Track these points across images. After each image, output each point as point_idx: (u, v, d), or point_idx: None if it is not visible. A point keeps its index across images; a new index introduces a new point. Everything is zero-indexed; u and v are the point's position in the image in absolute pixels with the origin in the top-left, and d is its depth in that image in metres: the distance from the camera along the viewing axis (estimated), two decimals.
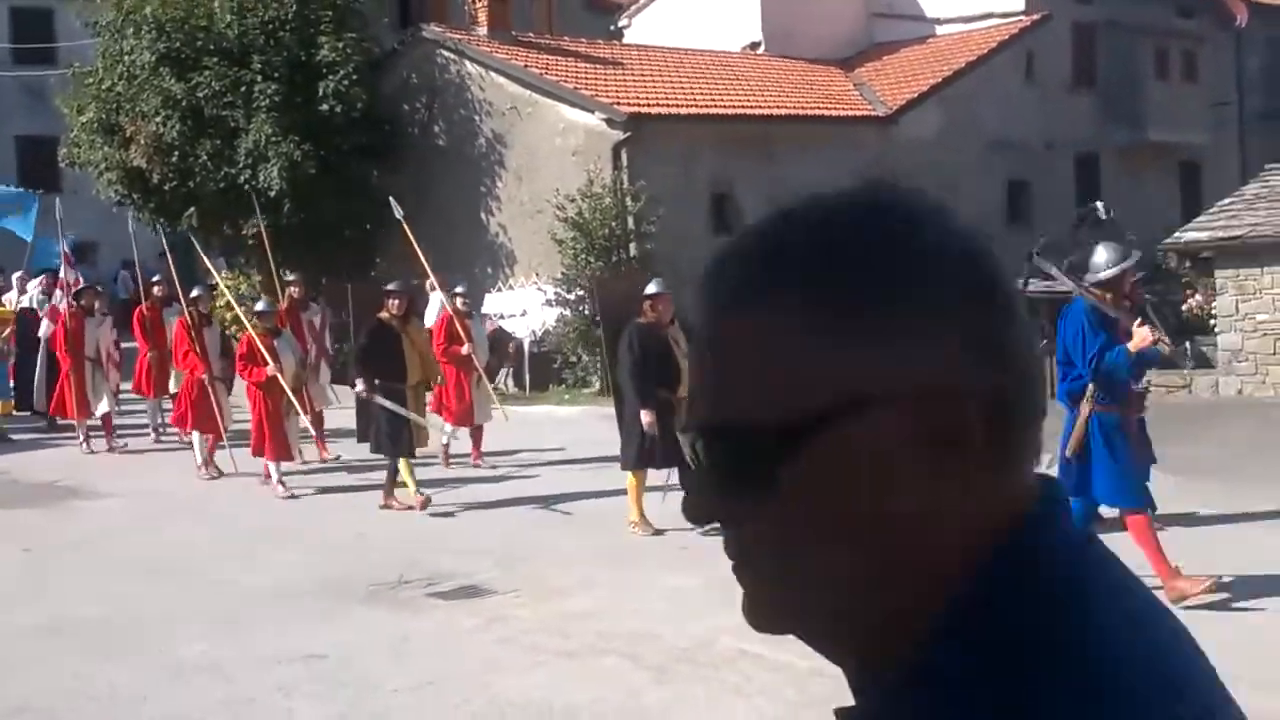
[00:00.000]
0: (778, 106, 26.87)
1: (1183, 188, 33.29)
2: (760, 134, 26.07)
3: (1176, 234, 21.08)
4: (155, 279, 17.81)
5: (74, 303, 16.75)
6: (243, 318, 14.97)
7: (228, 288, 26.12)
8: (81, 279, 17.85)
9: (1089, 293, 8.50)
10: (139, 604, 9.02)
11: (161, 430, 17.06)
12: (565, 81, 25.16)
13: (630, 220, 23.48)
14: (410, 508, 11.85)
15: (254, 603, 8.86)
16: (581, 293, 23.24)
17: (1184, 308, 26.82)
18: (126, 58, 26.55)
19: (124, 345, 17.70)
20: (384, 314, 12.38)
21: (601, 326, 10.67)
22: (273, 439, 13.03)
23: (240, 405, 14.89)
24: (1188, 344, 23.82)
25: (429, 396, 13.74)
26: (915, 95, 28.35)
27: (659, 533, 10.34)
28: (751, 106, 26.53)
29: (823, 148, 26.73)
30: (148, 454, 16.64)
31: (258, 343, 13.15)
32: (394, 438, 11.94)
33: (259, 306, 14.01)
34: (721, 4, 31.33)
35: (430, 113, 27.11)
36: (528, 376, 23.47)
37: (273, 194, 24.90)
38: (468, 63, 26.40)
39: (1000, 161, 29.91)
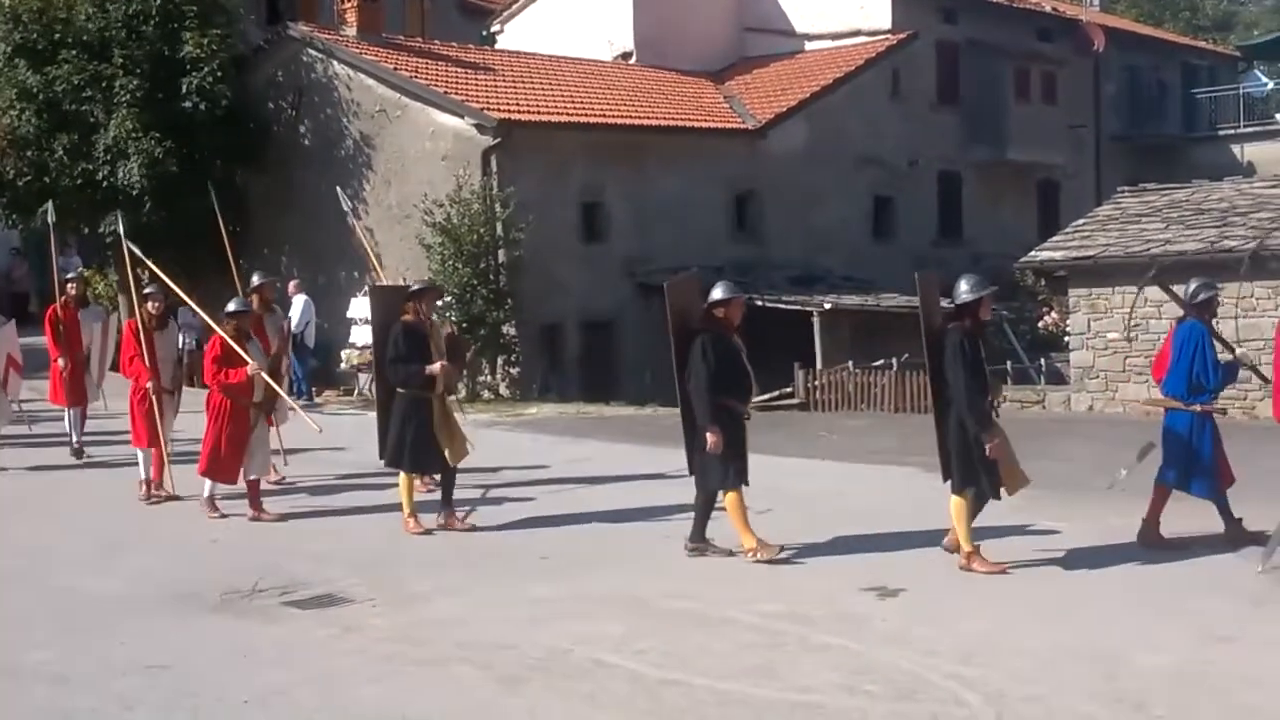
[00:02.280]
0: (649, 117, 27.01)
1: (1040, 207, 34.16)
2: (631, 143, 26.17)
3: (1033, 252, 21.62)
4: (70, 276, 16.16)
5: None
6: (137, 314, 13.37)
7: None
8: None
9: (1200, 316, 10.65)
10: None
11: (82, 446, 15.39)
12: (436, 85, 25.01)
13: (499, 227, 23.41)
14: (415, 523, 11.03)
15: (101, 609, 8.65)
16: (449, 299, 23.10)
17: (1039, 324, 27.56)
18: None
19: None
20: (408, 316, 11.07)
21: (673, 334, 10.00)
22: (229, 459, 11.68)
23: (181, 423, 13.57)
24: (1042, 360, 24.47)
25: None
26: (784, 109, 28.71)
27: (782, 549, 9.79)
28: (622, 116, 26.63)
29: (692, 159, 26.96)
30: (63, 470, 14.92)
31: (231, 344, 11.72)
32: (414, 451, 10.94)
33: (231, 306, 12.26)
34: (594, 13, 31.41)
35: (296, 112, 26.71)
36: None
37: (134, 192, 24.36)
38: (336, 63, 26.10)
39: (866, 177, 30.41)
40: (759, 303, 25.41)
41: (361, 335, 23.84)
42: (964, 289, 9.64)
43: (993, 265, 24.39)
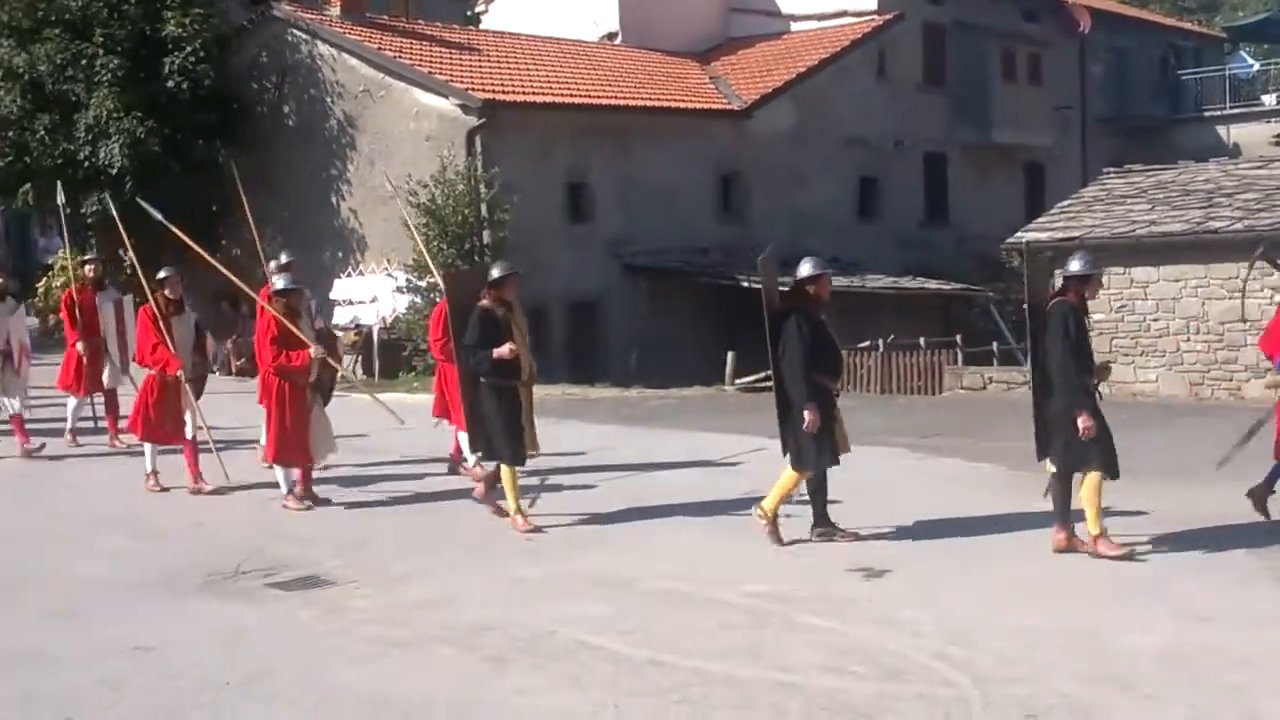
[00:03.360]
0: (634, 97, 26.95)
1: (1027, 188, 34.22)
2: (616, 124, 26.11)
3: (1018, 234, 21.58)
4: (87, 258, 15.52)
5: None
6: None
7: (64, 266, 25.39)
8: None
9: None
10: None
11: (79, 433, 14.88)
12: (420, 65, 24.92)
13: (484, 208, 23.33)
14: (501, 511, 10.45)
15: (85, 592, 8.61)
16: (433, 279, 23.02)
17: (1025, 306, 27.53)
18: None
19: None
20: (485, 301, 10.31)
21: (766, 312, 9.84)
22: (296, 440, 11.11)
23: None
24: (1028, 341, 24.47)
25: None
26: (770, 90, 28.68)
27: (859, 538, 9.66)
28: (608, 97, 26.57)
29: (678, 140, 26.90)
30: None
31: (287, 324, 11.07)
32: (506, 441, 10.22)
33: (280, 283, 11.55)
34: None
35: (280, 93, 26.59)
36: (377, 364, 23.22)
37: (114, 171, 24.23)
38: (320, 43, 25.97)
39: (852, 157, 30.39)
40: (744, 284, 25.40)
41: (345, 316, 23.80)
42: (1074, 266, 9.51)
43: (979, 246, 24.44)
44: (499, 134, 23.98)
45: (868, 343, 22.91)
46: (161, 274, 12.31)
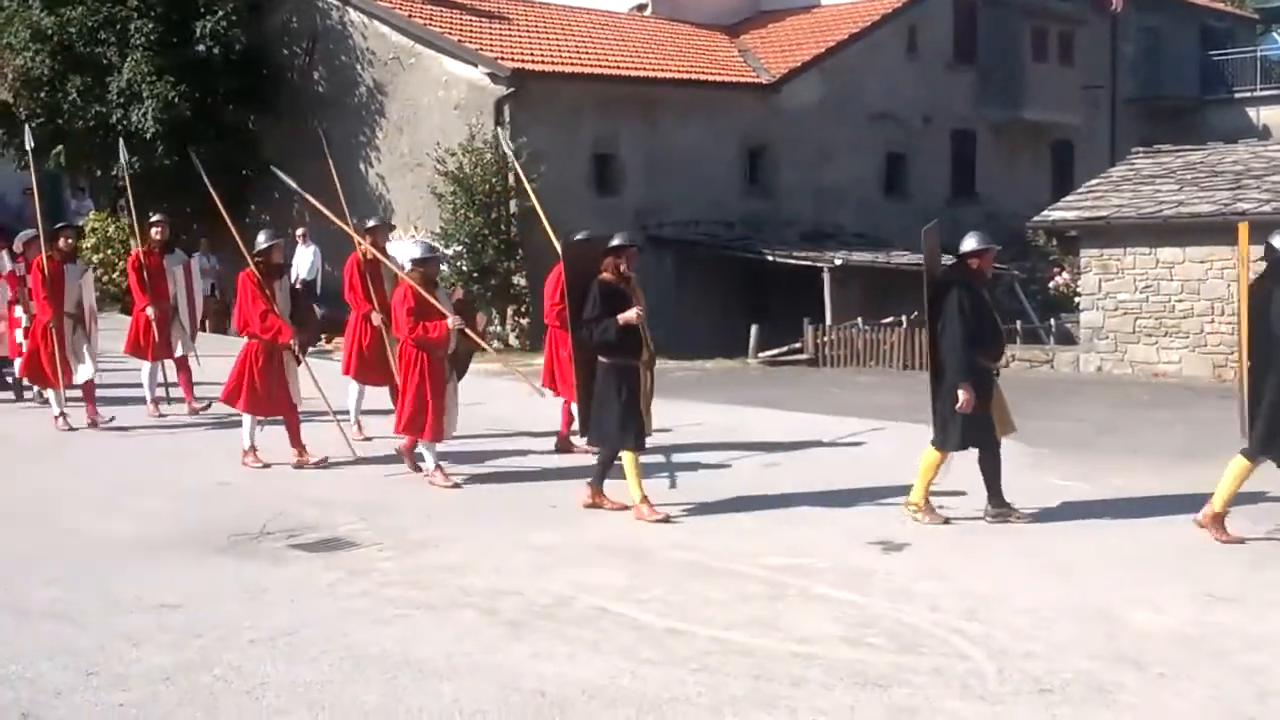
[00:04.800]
0: (662, 69, 26.91)
1: (1055, 167, 34.04)
2: (644, 96, 26.08)
3: (1045, 212, 21.54)
4: (155, 219, 14.66)
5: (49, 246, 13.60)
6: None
7: (95, 228, 25.54)
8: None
9: None
10: None
11: (165, 401, 14.50)
12: (449, 34, 24.94)
13: (511, 177, 23.34)
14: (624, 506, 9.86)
15: (111, 551, 8.71)
16: (460, 248, 23.09)
17: (1050, 285, 27.49)
18: None
19: None
20: (606, 274, 9.68)
21: (926, 284, 9.64)
22: (434, 415, 10.65)
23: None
24: (1052, 321, 24.45)
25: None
26: (799, 64, 28.58)
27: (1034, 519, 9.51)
28: (636, 68, 26.54)
29: (706, 112, 26.87)
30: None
31: (425, 295, 10.59)
32: (625, 425, 9.64)
33: (417, 252, 10.98)
34: None
35: (310, 59, 26.65)
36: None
37: (146, 135, 24.35)
38: (351, 10, 26.01)
39: (879, 133, 30.29)
40: (769, 258, 25.40)
41: None
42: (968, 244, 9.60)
43: (1006, 225, 24.33)
44: (527, 103, 23.99)
45: (891, 319, 22.89)
46: (264, 240, 11.58)
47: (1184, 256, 19.45)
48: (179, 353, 14.44)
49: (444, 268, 22.66)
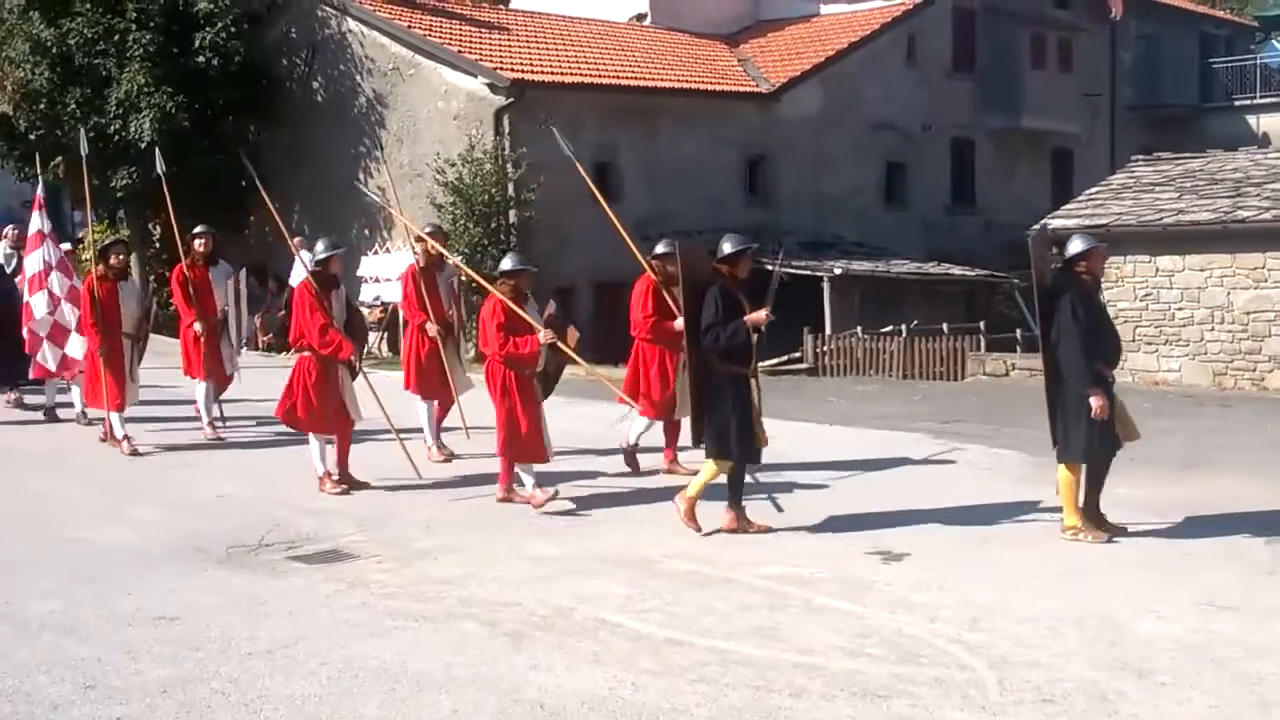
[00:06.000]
0: (662, 79, 26.93)
1: (1054, 175, 34.07)
2: (644, 105, 26.10)
3: (1044, 220, 21.52)
4: (198, 231, 14.02)
5: (100, 262, 13.13)
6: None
7: (94, 241, 25.51)
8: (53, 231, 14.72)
9: None
10: None
11: (220, 422, 13.82)
12: (449, 44, 24.96)
13: (511, 187, 23.38)
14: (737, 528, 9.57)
15: (110, 561, 8.69)
16: (460, 258, 23.06)
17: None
18: None
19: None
20: (723, 279, 9.46)
21: (1036, 293, 9.41)
22: (532, 435, 10.24)
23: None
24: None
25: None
26: (798, 74, 28.62)
27: (1111, 538, 9.17)
28: (636, 77, 26.56)
29: (705, 122, 26.88)
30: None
31: (515, 309, 10.19)
32: (743, 439, 9.38)
33: (507, 264, 10.55)
34: None
35: (309, 69, 26.68)
36: (402, 342, 23.26)
37: (144, 145, 24.37)
38: (350, 20, 26.04)
39: (879, 142, 30.31)
40: (769, 267, 25.36)
41: (371, 293, 23.86)
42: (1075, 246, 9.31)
43: (1005, 233, 24.35)
44: (526, 113, 23.99)
45: (890, 328, 22.89)
46: (322, 250, 11.11)
47: (1184, 264, 19.43)
48: (228, 371, 13.89)
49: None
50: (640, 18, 31.32)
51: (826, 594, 7.86)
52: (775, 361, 22.42)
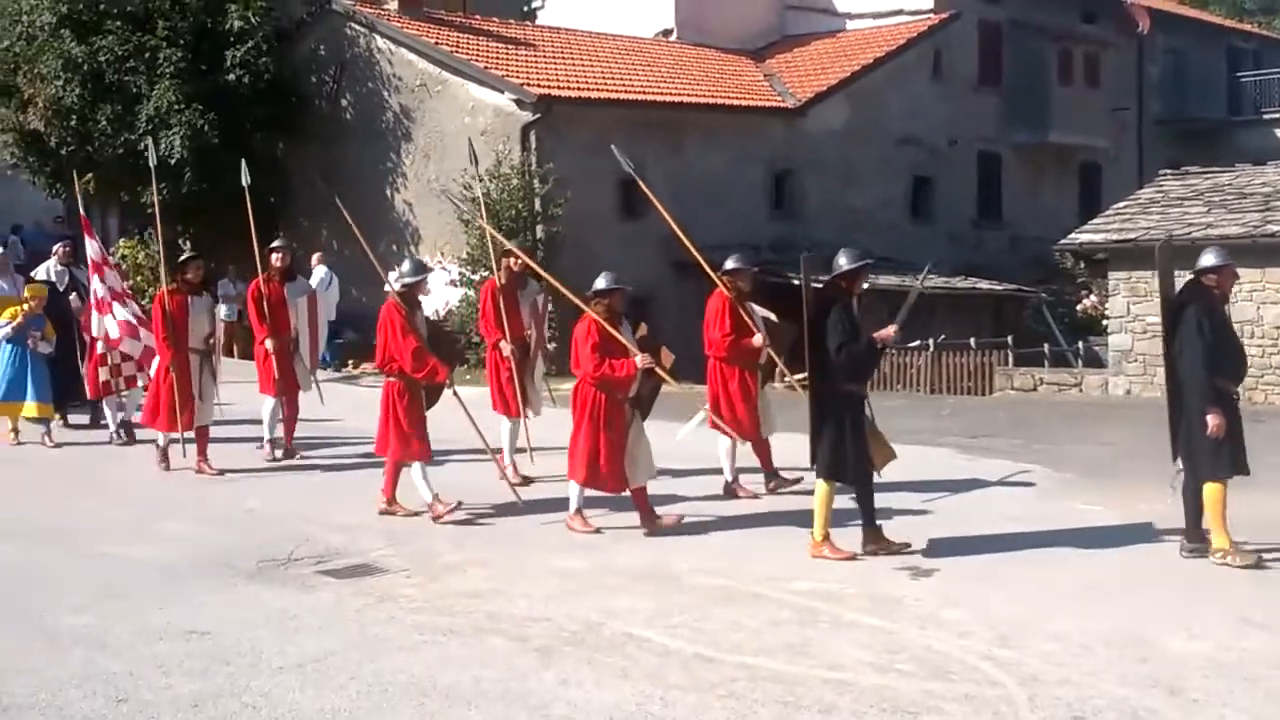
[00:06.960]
0: (688, 94, 26.96)
1: (1082, 189, 33.93)
2: (670, 120, 26.13)
3: (1073, 235, 21.46)
4: (276, 244, 13.76)
5: (173, 279, 12.88)
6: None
7: (125, 255, 25.71)
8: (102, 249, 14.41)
9: None
10: (20, 572, 8.88)
11: (277, 445, 13.43)
12: (476, 60, 25.05)
13: (538, 202, 23.43)
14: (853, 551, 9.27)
15: (140, 575, 8.74)
16: (486, 273, 23.12)
17: (1078, 308, 27.38)
18: (25, 18, 26.05)
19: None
20: (845, 297, 9.51)
21: (1161, 307, 9.31)
22: (611, 464, 9.87)
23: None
24: (1080, 343, 24.34)
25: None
26: (824, 88, 28.60)
27: (1260, 560, 8.87)
28: (662, 93, 26.60)
29: (732, 137, 26.89)
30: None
31: (610, 329, 9.91)
32: (859, 459, 9.15)
33: (601, 283, 10.21)
34: None
35: (338, 86, 26.83)
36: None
37: (173, 162, 24.55)
38: (378, 37, 26.18)
39: (905, 157, 30.27)
40: (795, 281, 25.35)
41: None
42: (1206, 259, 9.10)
43: (1032, 248, 24.26)
44: (553, 129, 24.07)
45: (918, 342, 22.82)
46: (409, 270, 10.83)
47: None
48: (302, 390, 13.63)
49: (470, 292, 22.76)
50: (667, 33, 31.37)
51: (855, 609, 7.84)
52: (800, 376, 22.35)
